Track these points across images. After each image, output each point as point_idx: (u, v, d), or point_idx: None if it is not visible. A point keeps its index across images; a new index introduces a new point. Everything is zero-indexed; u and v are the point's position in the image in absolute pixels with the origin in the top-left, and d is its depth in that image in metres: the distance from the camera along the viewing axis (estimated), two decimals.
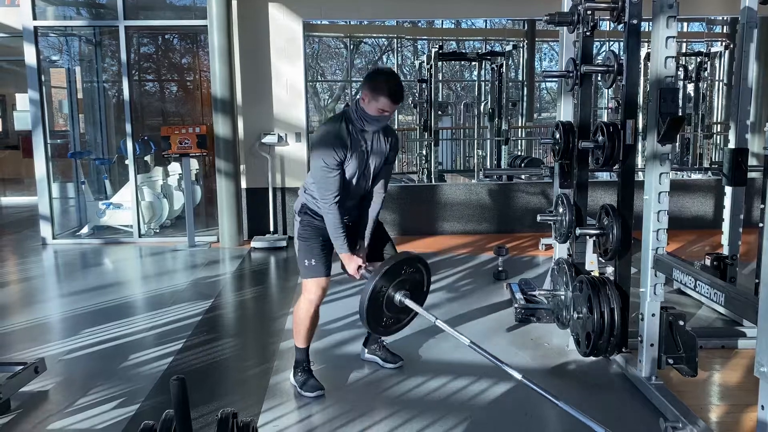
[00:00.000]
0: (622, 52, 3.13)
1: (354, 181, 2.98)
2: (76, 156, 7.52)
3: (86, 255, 6.41)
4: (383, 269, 2.71)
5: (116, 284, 5.37)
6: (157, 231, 7.15)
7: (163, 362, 3.46)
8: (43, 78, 6.75)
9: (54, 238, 6.80)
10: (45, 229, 6.77)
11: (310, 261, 3.01)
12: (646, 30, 3.80)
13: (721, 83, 9.04)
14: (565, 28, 3.77)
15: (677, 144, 8.39)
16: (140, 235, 6.83)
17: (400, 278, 2.76)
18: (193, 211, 6.67)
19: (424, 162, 8.95)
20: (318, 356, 3.40)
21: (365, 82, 2.87)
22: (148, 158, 7.80)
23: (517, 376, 2.40)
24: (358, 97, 2.93)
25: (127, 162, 6.84)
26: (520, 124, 11.37)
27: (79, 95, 8.16)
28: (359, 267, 3.02)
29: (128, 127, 6.70)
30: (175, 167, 7.64)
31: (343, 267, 3.07)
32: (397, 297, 2.74)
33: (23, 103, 7.94)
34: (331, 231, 2.96)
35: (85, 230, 7.09)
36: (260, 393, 3.08)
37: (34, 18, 6.55)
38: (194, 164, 7.64)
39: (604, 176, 7.35)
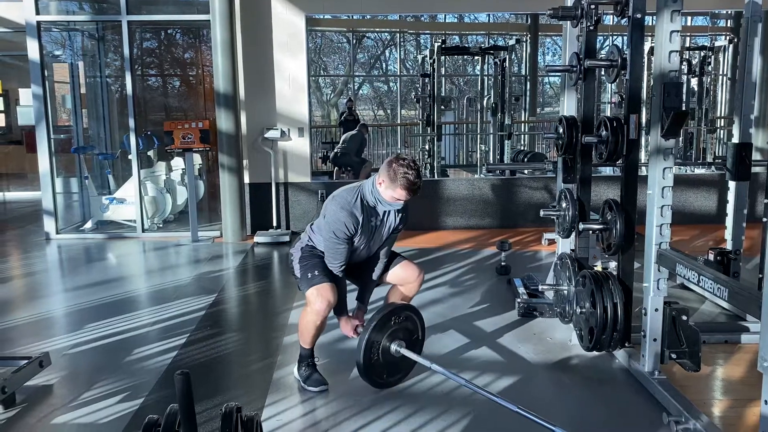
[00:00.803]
0: (625, 47, 3.12)
1: (360, 249, 3.06)
2: (80, 151, 7.53)
3: (90, 250, 6.43)
4: (372, 323, 2.83)
5: (120, 279, 5.39)
6: (161, 226, 7.16)
7: (167, 357, 3.47)
8: (46, 73, 6.76)
9: (57, 233, 6.81)
10: (49, 224, 6.78)
11: (313, 273, 3.00)
12: (650, 24, 3.79)
13: (725, 77, 9.01)
14: (568, 22, 3.76)
15: (681, 138, 8.37)
16: (143, 230, 6.84)
17: (393, 328, 2.88)
18: (196, 206, 6.68)
19: (426, 157, 8.94)
20: (322, 351, 3.41)
21: (385, 167, 2.88)
22: (151, 153, 7.81)
23: (513, 408, 2.48)
24: (374, 177, 2.96)
25: (130, 157, 6.85)
26: (523, 119, 11.34)
27: (82, 90, 8.15)
28: (356, 326, 3.10)
29: (131, 122, 6.71)
30: (178, 162, 7.64)
31: (340, 325, 3.16)
32: (393, 347, 2.87)
33: (26, 98, 7.94)
34: None
35: (88, 225, 7.10)
36: (264, 387, 3.09)
37: (37, 13, 6.55)
38: (197, 159, 7.64)
39: (607, 171, 7.34)
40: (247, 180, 6.73)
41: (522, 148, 10.49)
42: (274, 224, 6.74)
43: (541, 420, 2.34)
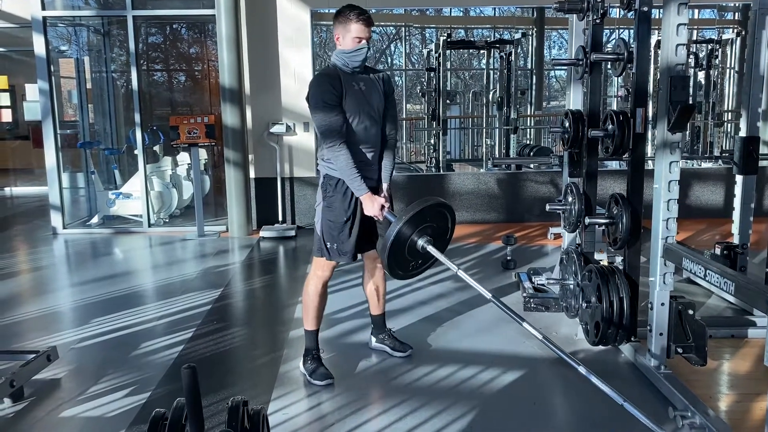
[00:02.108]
0: (632, 40, 3.10)
1: (360, 123, 2.97)
2: (86, 146, 7.56)
3: (96, 244, 6.46)
4: (410, 213, 2.69)
5: (126, 273, 5.41)
6: (167, 221, 7.18)
7: (174, 351, 3.48)
8: (52, 68, 6.77)
9: (64, 227, 6.84)
10: (55, 219, 6.81)
11: (332, 245, 3.02)
12: (657, 17, 3.77)
13: (732, 71, 8.95)
14: (574, 15, 3.75)
15: (687, 132, 8.33)
16: (150, 225, 6.87)
17: (424, 224, 2.74)
18: (202, 201, 6.69)
19: (432, 151, 8.92)
20: (327, 345, 3.42)
21: (334, 22, 2.97)
22: (157, 148, 7.83)
23: (539, 335, 2.42)
24: (325, 49, 2.99)
25: (136, 152, 6.86)
26: (528, 113, 11.29)
27: (88, 85, 8.18)
28: (382, 207, 2.98)
29: (137, 117, 6.72)
30: (184, 157, 7.66)
31: (363, 206, 3.01)
32: (420, 243, 2.73)
33: (33, 93, 7.97)
34: (345, 174, 2.94)
35: (95, 220, 7.13)
36: (270, 381, 3.10)
37: (43, 8, 6.56)
38: (203, 154, 7.66)
39: (613, 165, 7.31)
40: (252, 175, 6.74)
41: (528, 142, 10.45)
42: (280, 219, 6.75)
43: (556, 348, 2.33)
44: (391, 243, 2.65)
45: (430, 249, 2.74)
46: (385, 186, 3.10)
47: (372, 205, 2.96)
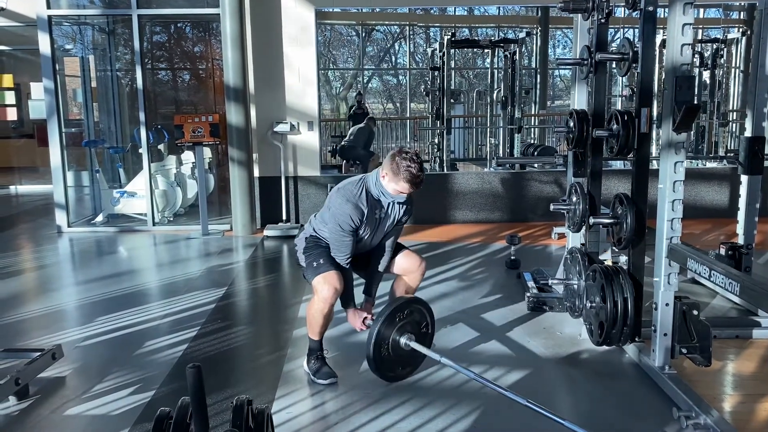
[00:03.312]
0: (637, 40, 3.10)
1: (364, 240, 3.08)
2: (91, 145, 7.58)
3: (101, 243, 6.47)
4: (385, 313, 2.83)
5: (131, 272, 5.42)
6: (171, 219, 7.20)
7: (178, 350, 3.49)
8: (57, 67, 6.79)
9: (69, 226, 6.86)
10: (60, 218, 6.83)
11: (318, 261, 3.04)
12: (662, 16, 3.76)
13: (737, 70, 8.93)
14: (579, 15, 3.74)
15: (692, 132, 8.31)
16: (154, 224, 6.88)
17: (403, 321, 2.88)
18: (206, 200, 6.70)
19: (436, 150, 8.92)
20: (331, 344, 3.42)
21: (388, 160, 2.92)
22: (161, 147, 7.84)
23: (523, 402, 2.44)
24: (378, 169, 3.01)
25: (140, 151, 6.88)
26: (533, 112, 11.30)
27: (93, 84, 8.20)
28: (365, 319, 3.10)
29: (142, 116, 6.74)
30: (188, 156, 7.67)
31: (348, 317, 3.16)
32: (402, 340, 2.87)
33: (38, 92, 8.00)
34: None
35: (99, 218, 7.15)
36: (274, 380, 3.10)
37: (48, 7, 6.58)
38: (207, 153, 7.66)
39: (618, 165, 7.30)
40: (256, 174, 6.75)
41: (532, 141, 10.45)
42: (284, 218, 6.76)
43: (550, 414, 2.34)
44: (374, 345, 2.79)
45: (413, 345, 2.88)
46: (372, 299, 3.24)
47: (355, 319, 3.11)
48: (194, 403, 1.55)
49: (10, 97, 11.21)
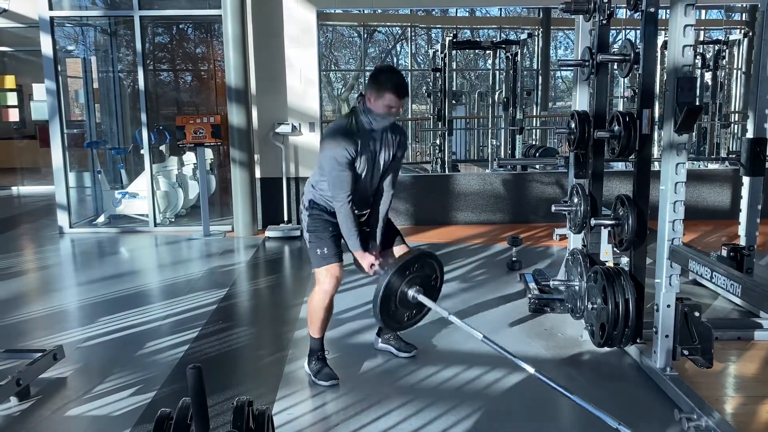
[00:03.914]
0: (638, 41, 3.09)
1: (363, 178, 3.01)
2: (93, 146, 7.58)
3: (102, 244, 6.48)
4: (397, 266, 2.74)
5: (132, 273, 5.42)
6: (173, 220, 7.20)
7: (179, 350, 3.49)
8: (59, 68, 6.80)
9: (71, 227, 6.87)
10: (62, 218, 6.84)
11: (322, 250, 3.03)
12: (664, 18, 3.76)
13: (739, 72, 8.93)
14: (581, 16, 3.74)
15: (694, 133, 8.31)
16: (156, 224, 6.89)
17: (413, 275, 2.78)
18: (207, 201, 6.71)
19: (437, 152, 8.91)
20: (332, 345, 3.42)
21: (370, 80, 2.92)
22: (163, 148, 7.85)
23: (530, 370, 2.40)
24: (363, 97, 2.98)
25: (142, 151, 6.89)
26: (534, 114, 11.30)
27: (95, 85, 8.21)
28: (372, 264, 3.04)
29: (143, 117, 6.75)
30: (189, 157, 7.68)
31: (356, 263, 3.11)
32: (410, 293, 2.76)
33: (40, 93, 8.01)
34: (344, 229, 3.00)
35: (101, 219, 7.15)
36: (275, 381, 3.10)
37: (51, 8, 6.59)
38: (209, 154, 7.67)
39: (619, 166, 7.29)
40: (258, 175, 6.75)
41: (533, 142, 10.44)
42: (285, 219, 6.76)
43: (559, 387, 2.30)
44: (382, 296, 2.71)
45: (421, 298, 2.79)
46: (378, 243, 3.15)
47: (363, 261, 3.04)
48: (195, 404, 1.55)
49: (12, 98, 11.24)
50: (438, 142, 8.89)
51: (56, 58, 6.68)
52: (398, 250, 3.20)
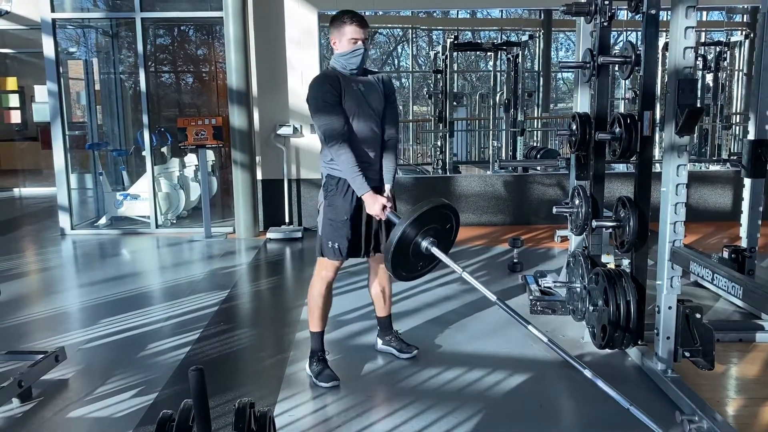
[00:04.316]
0: (639, 43, 3.10)
1: (359, 123, 2.98)
2: (94, 147, 7.59)
3: (104, 245, 6.49)
4: (414, 215, 2.64)
5: (134, 274, 5.43)
6: (174, 222, 7.21)
7: (181, 352, 3.49)
8: (61, 70, 6.81)
9: (72, 228, 6.88)
10: (63, 220, 6.85)
11: (334, 244, 3.03)
12: (665, 20, 3.76)
13: (740, 73, 8.92)
14: (582, 18, 3.74)
15: (695, 135, 8.30)
16: (157, 226, 6.89)
17: (428, 225, 2.70)
18: (209, 202, 6.71)
19: (438, 153, 8.92)
20: (333, 347, 3.42)
21: (330, 29, 3.00)
22: (164, 149, 7.86)
23: (543, 337, 2.41)
24: (332, 51, 3.03)
25: (144, 153, 6.89)
26: (535, 115, 11.28)
27: (97, 87, 8.23)
28: (384, 207, 2.95)
29: (145, 119, 6.75)
30: (191, 158, 7.69)
31: (366, 205, 3.00)
32: (424, 244, 2.67)
33: (42, 94, 8.01)
34: (347, 173, 2.95)
35: (102, 221, 7.16)
36: (276, 383, 3.10)
37: (53, 10, 6.60)
38: (210, 155, 7.69)
39: (620, 168, 7.29)
40: (259, 176, 6.76)
41: (535, 144, 10.44)
42: (287, 220, 6.76)
43: (564, 354, 2.31)
44: (396, 243, 2.62)
45: (434, 251, 2.70)
46: (387, 187, 3.08)
47: (373, 204, 2.94)
48: (197, 406, 1.55)
49: (14, 100, 11.25)
50: (439, 143, 8.90)
51: (58, 59, 6.69)
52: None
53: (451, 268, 2.68)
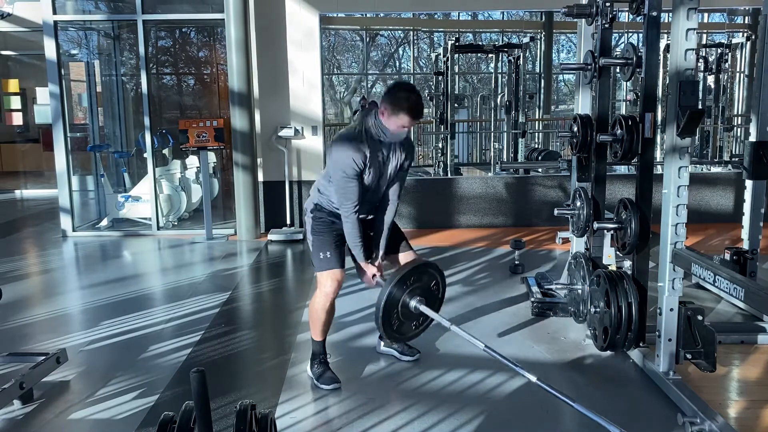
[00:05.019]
0: (641, 44, 3.10)
1: (370, 187, 3.01)
2: (96, 149, 7.60)
3: (106, 247, 6.49)
4: (396, 278, 2.74)
5: (135, 276, 5.43)
6: (176, 224, 7.21)
7: (182, 354, 3.49)
8: (62, 72, 6.82)
9: (74, 230, 6.88)
10: (65, 222, 6.85)
11: (325, 254, 3.04)
12: (666, 21, 3.77)
13: (742, 75, 8.91)
14: (583, 20, 3.74)
15: (697, 137, 8.30)
16: (159, 228, 6.90)
17: (413, 285, 2.79)
18: (210, 204, 6.72)
19: (440, 155, 8.92)
20: (334, 349, 3.42)
21: (386, 96, 2.86)
22: (166, 151, 7.86)
23: (532, 378, 2.40)
24: (375, 106, 2.94)
25: (145, 155, 6.90)
26: (537, 117, 11.29)
27: (98, 89, 8.23)
28: (374, 275, 3.05)
29: (146, 121, 6.76)
30: (192, 160, 7.69)
31: (358, 272, 3.12)
32: (412, 303, 2.77)
33: (44, 96, 8.03)
34: (349, 239, 3.01)
35: (104, 223, 7.17)
36: (277, 385, 3.10)
37: (54, 12, 6.62)
38: (212, 157, 7.69)
39: (622, 169, 7.29)
40: (261, 178, 6.76)
41: (536, 146, 10.44)
42: (288, 222, 6.77)
43: (560, 394, 2.31)
44: (383, 309, 2.71)
45: (423, 308, 2.78)
46: (381, 254, 3.13)
47: (366, 273, 3.06)
48: (198, 408, 1.55)
49: (16, 102, 11.28)
50: (440, 145, 8.90)
51: (60, 61, 6.70)
52: (403, 257, 3.18)
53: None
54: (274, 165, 6.77)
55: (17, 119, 11.57)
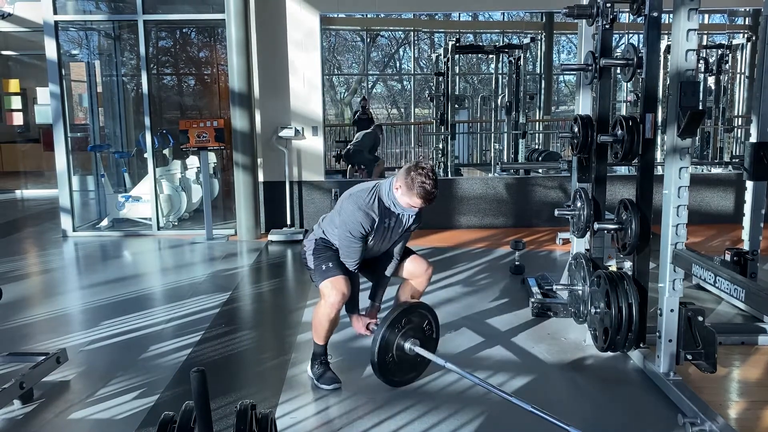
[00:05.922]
0: (641, 45, 3.10)
1: (373, 245, 3.08)
2: (96, 149, 7.60)
3: (106, 247, 6.49)
4: (387, 320, 2.83)
5: (135, 276, 5.43)
6: (176, 224, 7.21)
7: (182, 354, 3.49)
8: (63, 72, 6.82)
9: (74, 230, 6.88)
10: (65, 222, 6.85)
11: (327, 265, 3.04)
12: (667, 22, 3.77)
13: (742, 76, 8.91)
14: (584, 20, 3.74)
15: (697, 138, 8.30)
16: (159, 228, 6.90)
17: (405, 328, 2.88)
18: (211, 204, 6.72)
19: (440, 156, 8.92)
20: (335, 349, 3.41)
21: (404, 173, 2.88)
22: (166, 151, 7.86)
23: (527, 407, 2.44)
24: (392, 179, 2.98)
25: (145, 155, 6.90)
26: (537, 118, 11.29)
27: (99, 89, 8.23)
28: (368, 324, 3.14)
29: (147, 121, 6.76)
30: (193, 160, 7.69)
31: (351, 321, 3.21)
32: (407, 345, 2.86)
33: (44, 96, 8.03)
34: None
35: (104, 223, 7.17)
36: (278, 385, 3.10)
37: (55, 12, 6.62)
38: (212, 158, 7.68)
39: (622, 170, 7.29)
40: (261, 178, 6.76)
41: (536, 146, 10.44)
42: (288, 222, 6.76)
43: (555, 419, 2.33)
44: (378, 351, 2.79)
45: (418, 349, 2.87)
46: (376, 305, 3.25)
47: (358, 324, 3.17)
48: (198, 408, 1.55)
49: (16, 102, 11.28)
50: (441, 146, 8.90)
51: (60, 61, 6.71)
52: (408, 262, 3.25)
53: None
54: (274, 165, 6.77)
55: (18, 119, 11.58)
